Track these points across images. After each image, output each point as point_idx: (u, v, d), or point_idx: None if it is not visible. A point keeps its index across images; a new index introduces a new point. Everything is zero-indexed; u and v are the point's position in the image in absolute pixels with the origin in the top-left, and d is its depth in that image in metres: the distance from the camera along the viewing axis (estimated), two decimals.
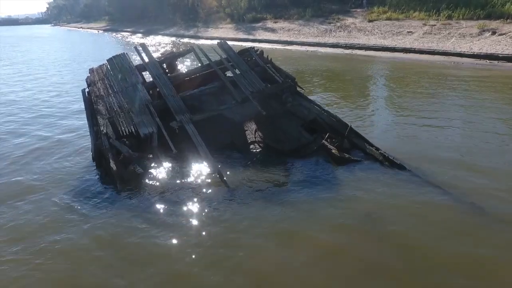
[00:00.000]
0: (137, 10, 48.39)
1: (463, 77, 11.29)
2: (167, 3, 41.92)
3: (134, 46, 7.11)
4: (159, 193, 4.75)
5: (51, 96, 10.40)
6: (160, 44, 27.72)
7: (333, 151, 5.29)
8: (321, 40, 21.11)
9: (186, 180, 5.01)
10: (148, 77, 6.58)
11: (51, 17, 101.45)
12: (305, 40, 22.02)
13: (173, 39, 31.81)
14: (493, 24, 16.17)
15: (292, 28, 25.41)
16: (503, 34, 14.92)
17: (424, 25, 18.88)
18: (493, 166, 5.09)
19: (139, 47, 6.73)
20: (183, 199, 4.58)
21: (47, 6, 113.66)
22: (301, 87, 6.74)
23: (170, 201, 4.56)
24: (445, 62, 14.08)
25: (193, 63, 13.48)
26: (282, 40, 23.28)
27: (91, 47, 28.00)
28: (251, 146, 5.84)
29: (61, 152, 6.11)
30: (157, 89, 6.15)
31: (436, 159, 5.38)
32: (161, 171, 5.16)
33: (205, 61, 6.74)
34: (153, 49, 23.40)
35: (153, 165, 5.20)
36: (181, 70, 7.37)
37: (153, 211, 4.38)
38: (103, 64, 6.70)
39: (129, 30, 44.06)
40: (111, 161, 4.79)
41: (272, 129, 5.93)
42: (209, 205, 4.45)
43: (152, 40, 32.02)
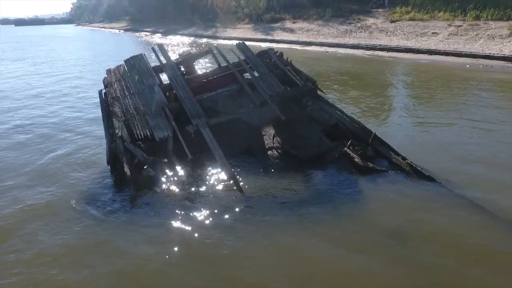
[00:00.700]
0: (157, 11, 48.99)
1: (493, 80, 10.69)
2: (186, 3, 42.22)
3: (151, 46, 7.01)
4: (173, 199, 4.59)
5: (69, 97, 10.41)
6: (178, 44, 27.87)
7: (355, 159, 5.00)
8: (341, 40, 20.64)
9: (201, 186, 4.84)
10: (165, 78, 6.46)
11: (74, 17, 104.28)
12: (324, 40, 21.60)
13: (192, 39, 31.95)
14: None
15: (311, 28, 25.01)
16: None
17: (450, 25, 18.16)
18: None
19: (156, 48, 6.61)
20: (197, 207, 4.41)
21: (71, 6, 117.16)
22: (322, 90, 6.46)
23: (184, 208, 4.40)
24: (472, 64, 13.42)
25: (205, 63, 13.37)
26: (300, 40, 22.93)
27: (112, 47, 28.45)
28: (268, 152, 5.61)
29: (76, 154, 6.05)
30: (174, 91, 6.01)
31: (467, 170, 5.00)
32: (175, 176, 5.01)
33: (223, 63, 6.56)
34: (171, 49, 23.55)
35: (168, 170, 5.05)
36: (199, 72, 7.22)
37: (166, 217, 4.23)
38: (120, 64, 6.62)
39: (149, 30, 44.62)
40: (125, 165, 4.66)
41: (291, 134, 5.68)
42: (223, 213, 4.26)
43: (171, 40, 32.27)
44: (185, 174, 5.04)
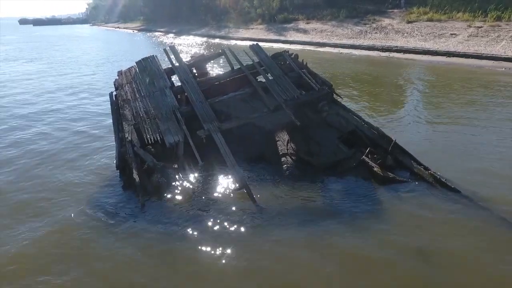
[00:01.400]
0: (170, 11, 49.27)
1: None
2: (199, 3, 42.30)
3: (163, 48, 6.87)
4: (182, 207, 4.42)
5: (80, 98, 10.28)
6: (192, 44, 27.88)
7: (375, 169, 4.73)
8: (356, 42, 20.23)
9: (212, 194, 4.66)
10: (176, 80, 6.30)
11: (90, 17, 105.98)
12: (338, 41, 21.21)
13: (205, 39, 31.94)
14: None
15: (325, 29, 24.64)
16: None
17: (469, 26, 17.57)
18: None
19: (168, 50, 6.47)
20: (207, 215, 4.24)
21: (87, 6, 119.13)
22: (338, 94, 6.20)
23: (193, 217, 4.22)
24: (494, 67, 12.90)
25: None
26: (314, 41, 22.59)
27: (125, 47, 28.65)
28: (282, 159, 5.38)
29: (85, 158, 5.93)
30: (185, 94, 5.85)
31: (494, 182, 4.68)
32: (185, 183, 4.84)
33: (236, 65, 6.37)
34: (183, 49, 23.54)
35: (178, 176, 4.89)
36: (211, 74, 7.05)
37: (174, 227, 4.07)
38: (132, 66, 6.50)
39: (162, 30, 44.89)
40: (134, 171, 4.52)
41: (306, 140, 5.45)
42: (234, 224, 4.07)
43: (184, 40, 32.34)
44: (195, 181, 4.87)
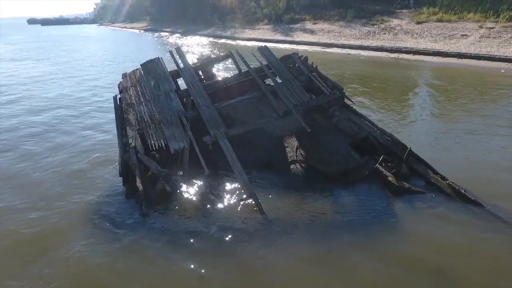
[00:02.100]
0: (176, 11, 49.23)
1: None
2: (206, 3, 42.18)
3: (169, 50, 6.68)
4: (187, 217, 4.25)
5: (84, 103, 10.01)
6: (197, 44, 27.74)
7: (389, 178, 4.49)
8: (364, 42, 19.91)
9: (218, 204, 4.46)
10: (182, 83, 6.11)
11: (97, 17, 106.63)
12: (346, 42, 20.89)
13: (211, 39, 31.79)
14: None
15: (332, 29, 24.33)
16: None
17: (481, 27, 17.17)
18: None
19: (174, 52, 6.29)
20: (213, 226, 4.05)
21: (94, 6, 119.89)
22: (350, 99, 5.96)
23: (198, 227, 4.05)
24: (508, 70, 12.53)
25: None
26: (321, 42, 22.29)
27: (131, 47, 28.62)
28: (291, 166, 5.17)
29: (86, 164, 5.77)
30: (191, 97, 5.66)
31: None
32: (191, 191, 4.66)
33: (243, 67, 6.17)
34: (189, 49, 23.41)
35: (183, 184, 4.71)
36: (218, 77, 6.85)
37: (179, 238, 3.89)
38: (137, 69, 6.33)
39: (168, 30, 44.86)
40: (137, 179, 4.34)
41: (316, 147, 5.24)
42: (241, 237, 3.88)
43: (190, 40, 32.23)
44: (201, 189, 4.68)
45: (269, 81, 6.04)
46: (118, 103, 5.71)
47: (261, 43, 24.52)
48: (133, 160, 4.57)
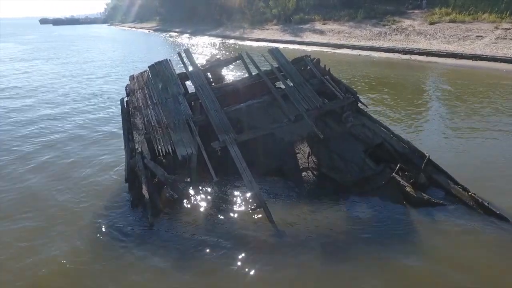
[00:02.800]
0: (186, 11, 49.32)
1: None
2: (215, 4, 42.15)
3: (177, 51, 6.52)
4: (195, 227, 4.08)
5: (91, 105, 9.83)
6: (206, 45, 27.66)
7: (407, 189, 4.26)
8: (375, 43, 19.56)
9: (227, 212, 4.28)
10: (190, 85, 5.95)
11: (108, 17, 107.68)
12: (356, 43, 20.56)
13: (219, 39, 31.70)
14: None
15: (342, 30, 24.00)
16: None
17: (496, 28, 16.71)
18: None
19: (182, 53, 6.13)
20: (221, 237, 3.88)
21: (105, 7, 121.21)
22: (364, 103, 5.73)
23: (206, 238, 3.88)
24: None
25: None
26: (331, 43, 21.98)
27: (140, 47, 28.70)
28: (303, 173, 4.96)
29: (92, 170, 5.61)
30: (200, 101, 5.50)
31: None
32: (199, 199, 4.49)
33: (253, 69, 5.99)
34: (199, 50, 23.33)
35: (191, 191, 4.55)
36: (227, 79, 6.68)
37: (186, 249, 3.73)
38: (145, 71, 6.19)
39: (177, 30, 44.95)
40: (143, 187, 4.18)
41: (329, 154, 5.02)
42: (250, 246, 3.72)
43: (198, 40, 32.20)
44: (209, 197, 4.51)
45: (279, 84, 5.85)
46: (125, 106, 5.57)
47: (270, 44, 24.35)
48: (139, 166, 4.42)
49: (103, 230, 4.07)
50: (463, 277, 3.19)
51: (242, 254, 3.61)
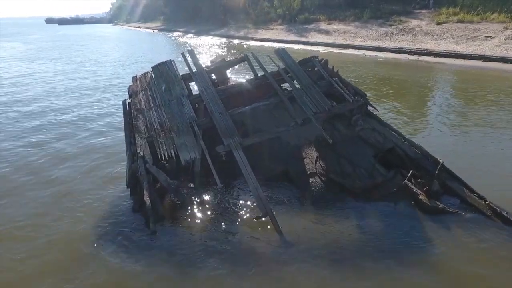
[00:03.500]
0: (190, 11, 49.27)
1: None
2: (219, 3, 42.04)
3: (181, 52, 6.36)
4: (198, 235, 3.92)
5: (93, 107, 9.59)
6: (210, 45, 27.53)
7: (420, 197, 4.06)
8: (381, 44, 19.30)
9: (231, 220, 4.12)
10: (193, 85, 5.80)
11: (113, 17, 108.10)
12: (362, 43, 20.31)
13: (224, 39, 31.56)
14: None
15: (348, 30, 23.74)
16: None
17: (506, 28, 16.40)
18: None
19: (186, 54, 5.98)
20: (225, 246, 3.73)
21: (110, 6, 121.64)
22: (374, 106, 5.54)
23: (210, 246, 3.72)
24: None
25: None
26: (337, 43, 21.74)
27: (144, 47, 28.63)
28: (310, 179, 4.78)
29: (92, 174, 5.47)
30: (204, 103, 5.34)
31: None
32: (202, 205, 4.33)
33: (259, 70, 5.82)
34: (203, 50, 23.21)
35: (194, 197, 4.39)
36: (232, 81, 6.51)
37: (189, 258, 3.57)
38: (148, 72, 6.04)
39: (181, 30, 44.90)
40: (145, 193, 4.03)
41: (338, 159, 4.83)
42: (256, 256, 3.57)
43: (203, 40, 32.08)
44: (213, 203, 4.35)
45: (286, 86, 5.67)
46: (127, 108, 5.42)
47: (275, 44, 24.15)
48: (141, 171, 4.27)
49: (106, 237, 3.92)
50: None
51: (247, 263, 3.45)
